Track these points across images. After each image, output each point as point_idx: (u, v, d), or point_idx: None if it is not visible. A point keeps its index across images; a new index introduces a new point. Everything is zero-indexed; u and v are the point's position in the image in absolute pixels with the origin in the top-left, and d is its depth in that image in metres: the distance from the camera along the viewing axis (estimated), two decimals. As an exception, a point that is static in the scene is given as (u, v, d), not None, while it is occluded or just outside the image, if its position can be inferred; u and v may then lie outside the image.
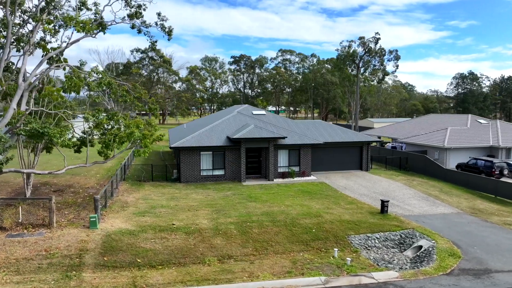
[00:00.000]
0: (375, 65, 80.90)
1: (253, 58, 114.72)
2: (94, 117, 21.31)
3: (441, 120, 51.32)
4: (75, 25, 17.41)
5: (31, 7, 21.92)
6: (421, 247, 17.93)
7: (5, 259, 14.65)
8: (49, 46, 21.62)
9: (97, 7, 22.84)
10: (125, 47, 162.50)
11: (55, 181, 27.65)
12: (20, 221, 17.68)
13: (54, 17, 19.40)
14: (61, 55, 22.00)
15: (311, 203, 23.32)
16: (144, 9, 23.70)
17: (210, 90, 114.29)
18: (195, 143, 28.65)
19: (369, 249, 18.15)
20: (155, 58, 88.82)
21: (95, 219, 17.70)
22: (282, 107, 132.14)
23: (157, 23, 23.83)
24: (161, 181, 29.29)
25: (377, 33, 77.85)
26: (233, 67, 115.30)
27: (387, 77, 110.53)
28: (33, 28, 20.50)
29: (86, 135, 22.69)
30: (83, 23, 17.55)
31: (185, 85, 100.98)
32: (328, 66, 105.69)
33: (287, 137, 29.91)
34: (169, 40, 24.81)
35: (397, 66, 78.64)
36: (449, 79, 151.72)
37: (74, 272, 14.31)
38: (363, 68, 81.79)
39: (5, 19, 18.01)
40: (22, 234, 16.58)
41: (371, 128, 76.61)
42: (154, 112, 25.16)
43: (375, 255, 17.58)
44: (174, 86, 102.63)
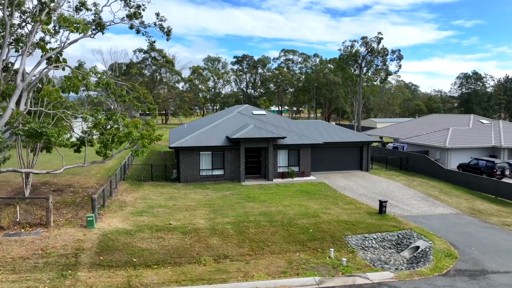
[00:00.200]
0: (378, 65, 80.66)
1: (256, 58, 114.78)
2: (93, 117, 21.45)
3: (443, 120, 51.06)
4: (68, 26, 17.47)
5: (31, 7, 22.09)
6: (418, 247, 17.86)
7: (2, 258, 14.75)
8: (49, 46, 21.82)
9: (97, 8, 22.95)
10: (129, 48, 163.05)
11: (55, 180, 27.81)
12: (18, 220, 17.81)
13: (48, 18, 19.46)
14: (60, 55, 22.14)
15: (309, 203, 23.29)
16: (143, 9, 23.79)
17: (212, 90, 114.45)
18: (194, 143, 28.70)
19: (366, 250, 18.10)
20: (157, 58, 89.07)
21: (92, 219, 17.78)
22: (285, 107, 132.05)
23: (155, 23, 23.93)
24: (160, 181, 29.38)
25: (380, 32, 77.71)
26: (235, 67, 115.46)
27: (390, 77, 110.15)
28: (32, 28, 20.63)
29: (85, 135, 22.82)
30: (77, 23, 17.59)
31: (188, 85, 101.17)
32: (331, 66, 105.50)
33: (286, 137, 29.90)
34: (167, 40, 24.90)
35: (400, 66, 78.03)
36: (454, 79, 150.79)
37: (69, 271, 14.38)
38: (365, 68, 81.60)
39: (3, 19, 18.10)
40: (19, 233, 16.70)
41: (374, 128, 76.43)
42: (153, 112, 25.28)
43: (371, 256, 17.53)
44: (177, 86, 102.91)
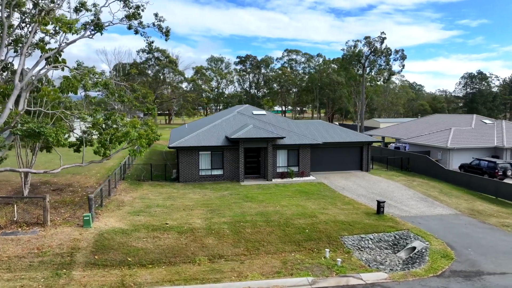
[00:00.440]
0: (381, 65, 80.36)
1: (259, 58, 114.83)
2: (91, 117, 21.56)
3: (445, 120, 50.76)
4: (61, 27, 17.54)
5: (30, 8, 22.24)
6: (414, 248, 17.77)
7: (-2, 257, 14.88)
8: (48, 47, 21.96)
9: (96, 8, 23.06)
10: (133, 48, 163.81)
11: (56, 180, 27.98)
12: (15, 219, 17.95)
13: (47, 19, 19.56)
14: (59, 55, 22.29)
15: (307, 203, 23.25)
16: (142, 10, 23.86)
17: (216, 90, 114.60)
18: (193, 143, 28.76)
19: (362, 250, 18.04)
20: (160, 58, 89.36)
21: (88, 218, 17.88)
22: (288, 107, 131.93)
23: (154, 24, 23.98)
24: (160, 181, 29.47)
25: (383, 32, 77.50)
26: (239, 67, 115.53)
27: (394, 76, 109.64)
28: (32, 28, 20.77)
29: (85, 134, 22.95)
30: (70, 24, 17.67)
31: (191, 85, 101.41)
32: (334, 66, 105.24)
33: (285, 137, 29.87)
34: (166, 40, 24.98)
35: (403, 65, 77.75)
36: (458, 79, 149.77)
37: (64, 270, 14.47)
38: (368, 68, 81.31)
39: (1, 20, 18.24)
40: (16, 232, 16.83)
41: (377, 128, 76.14)
42: (152, 112, 25.38)
43: (367, 256, 17.46)
44: (180, 86, 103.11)
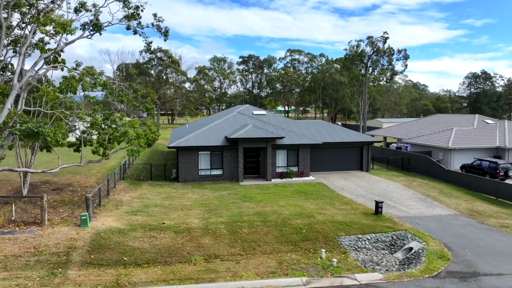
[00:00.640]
0: (384, 65, 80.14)
1: (262, 58, 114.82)
2: (90, 117, 21.65)
3: (447, 120, 50.51)
4: (55, 27, 17.61)
5: (30, 8, 22.37)
6: (411, 249, 17.70)
7: (-5, 256, 14.99)
8: (48, 47, 22.09)
9: (96, 9, 23.16)
10: (136, 48, 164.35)
11: (56, 179, 28.14)
12: (13, 218, 18.07)
13: (46, 19, 19.67)
14: (58, 55, 22.42)
15: (305, 203, 23.22)
16: (142, 10, 23.94)
17: (218, 90, 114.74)
18: (193, 142, 28.81)
19: (358, 251, 17.99)
20: (163, 58, 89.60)
21: (86, 217, 17.96)
22: (292, 107, 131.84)
23: (153, 24, 24.04)
24: (160, 181, 29.55)
25: (385, 32, 77.31)
26: (241, 67, 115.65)
27: (397, 76, 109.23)
28: (31, 29, 20.90)
29: (84, 134, 23.04)
30: (64, 24, 17.75)
31: (194, 85, 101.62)
32: (337, 66, 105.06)
33: (284, 137, 29.85)
34: (165, 40, 25.06)
35: (406, 65, 77.47)
36: (462, 79, 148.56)
37: (60, 269, 14.54)
38: (371, 67, 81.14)
39: None
40: (13, 231, 16.95)
41: (380, 128, 75.89)
42: (151, 111, 25.46)
43: (364, 257, 17.42)
44: (184, 86, 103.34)
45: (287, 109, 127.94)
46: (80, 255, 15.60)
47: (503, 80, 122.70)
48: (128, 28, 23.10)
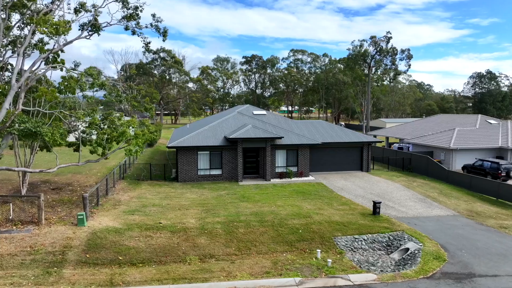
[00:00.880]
0: (387, 65, 79.90)
1: (265, 58, 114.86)
2: (89, 117, 21.78)
3: (450, 120, 50.20)
4: (47, 27, 17.70)
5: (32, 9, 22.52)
6: (408, 249, 17.62)
7: (-9, 255, 15.11)
8: (48, 47, 22.24)
9: (96, 9, 23.27)
10: (141, 48, 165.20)
11: (56, 179, 28.31)
12: (10, 217, 18.21)
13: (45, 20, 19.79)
14: (57, 56, 22.56)
15: (303, 203, 23.18)
16: (141, 11, 24.03)
17: (221, 90, 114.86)
18: (192, 142, 28.87)
19: (354, 251, 17.93)
20: (166, 59, 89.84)
21: (82, 217, 18.06)
22: (295, 107, 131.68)
23: (152, 24, 24.11)
24: (159, 180, 29.64)
25: (389, 32, 76.96)
26: (244, 67, 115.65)
27: (401, 76, 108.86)
28: (29, 29, 21.04)
29: (84, 134, 23.15)
30: (56, 25, 17.84)
31: (197, 85, 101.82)
32: (340, 65, 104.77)
33: (284, 137, 29.81)
34: (164, 41, 25.09)
35: (409, 65, 77.28)
36: (467, 79, 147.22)
37: (55, 268, 14.65)
38: (374, 67, 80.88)
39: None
40: (10, 230, 17.08)
41: (383, 128, 75.60)
42: (149, 111, 25.55)
43: (359, 257, 17.35)
44: (187, 86, 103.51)
45: (290, 109, 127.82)
46: (75, 254, 15.69)
47: (508, 80, 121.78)
48: (126, 28, 23.19)
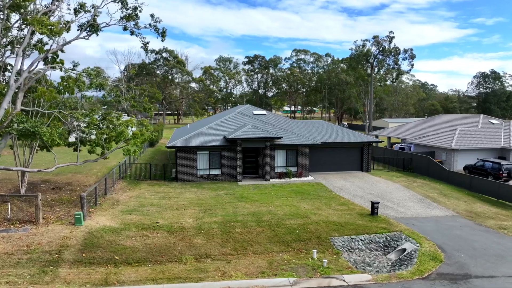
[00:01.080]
0: (390, 64, 79.58)
1: (268, 58, 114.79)
2: (88, 117, 21.87)
3: (452, 120, 49.92)
4: (41, 28, 17.78)
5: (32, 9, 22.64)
6: (404, 250, 17.54)
7: (-12, 254, 15.21)
8: (47, 47, 22.34)
9: (95, 9, 23.36)
10: (141, 48, 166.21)
11: (56, 179, 28.47)
12: (9, 217, 18.33)
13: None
14: (56, 56, 22.69)
15: (301, 203, 23.14)
16: (140, 11, 24.10)
17: (224, 90, 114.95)
18: (191, 142, 28.91)
19: (351, 251, 17.88)
20: (169, 59, 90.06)
21: (80, 216, 18.14)
22: (298, 107, 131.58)
23: (150, 25, 24.17)
24: (159, 180, 29.71)
25: (391, 31, 76.84)
26: (247, 67, 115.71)
27: (405, 76, 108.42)
28: (28, 30, 21.15)
29: (84, 134, 23.25)
30: (51, 26, 17.91)
31: (199, 85, 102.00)
32: (343, 65, 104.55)
33: (283, 137, 29.78)
34: (162, 41, 25.18)
35: (412, 65, 76.92)
36: (471, 78, 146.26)
37: (51, 267, 14.72)
38: (377, 67, 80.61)
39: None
40: (8, 229, 17.19)
41: (385, 128, 75.35)
42: (148, 111, 25.61)
43: (356, 258, 17.30)
44: (190, 86, 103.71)
45: (293, 109, 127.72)
46: (72, 253, 15.76)
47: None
48: (125, 28, 23.27)
